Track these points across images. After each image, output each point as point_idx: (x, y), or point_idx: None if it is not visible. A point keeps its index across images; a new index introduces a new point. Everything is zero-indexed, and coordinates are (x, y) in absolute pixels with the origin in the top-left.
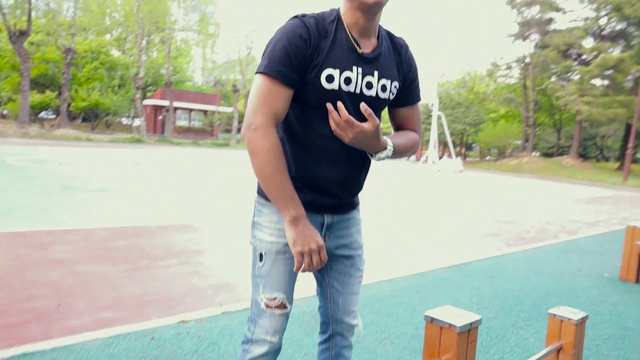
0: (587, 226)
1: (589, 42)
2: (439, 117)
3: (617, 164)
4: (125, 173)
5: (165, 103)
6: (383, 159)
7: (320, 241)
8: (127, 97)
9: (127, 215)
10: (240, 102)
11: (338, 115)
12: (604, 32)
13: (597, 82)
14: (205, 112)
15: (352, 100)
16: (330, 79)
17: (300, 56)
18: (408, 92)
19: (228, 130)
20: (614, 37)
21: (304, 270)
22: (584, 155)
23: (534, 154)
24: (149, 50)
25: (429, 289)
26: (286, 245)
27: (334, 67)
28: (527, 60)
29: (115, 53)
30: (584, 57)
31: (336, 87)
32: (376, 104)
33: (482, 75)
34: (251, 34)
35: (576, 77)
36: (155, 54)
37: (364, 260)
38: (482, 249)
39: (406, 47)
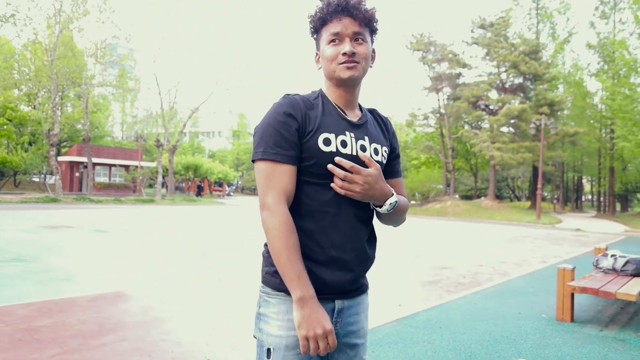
0: (515, 266)
1: (494, 94)
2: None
3: (528, 203)
4: (43, 237)
5: (83, 159)
6: (391, 208)
7: (329, 325)
8: (39, 153)
9: (50, 287)
10: (164, 156)
11: (342, 170)
12: (506, 86)
13: (505, 129)
14: (126, 167)
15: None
16: (327, 142)
17: (291, 130)
18: (395, 164)
19: (151, 186)
20: (515, 90)
21: (310, 354)
22: (498, 196)
23: (455, 196)
24: (64, 105)
25: (383, 346)
26: (297, 338)
27: (329, 132)
28: (442, 110)
29: (24, 108)
30: (491, 107)
31: (334, 150)
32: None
33: (401, 124)
34: (173, 88)
35: (486, 126)
36: (70, 109)
37: (367, 348)
38: (425, 299)
39: (389, 121)
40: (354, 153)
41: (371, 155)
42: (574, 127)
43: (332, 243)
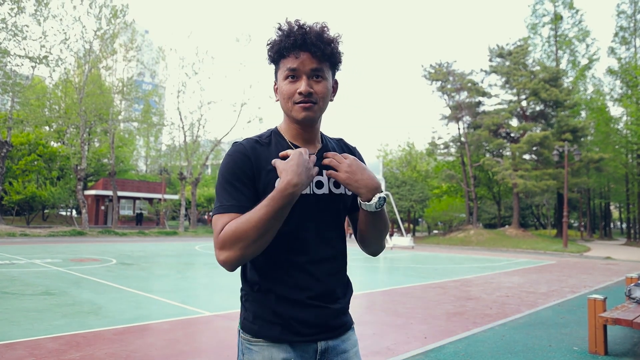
0: (543, 296)
1: (514, 122)
2: (386, 197)
3: (554, 231)
4: (71, 271)
5: (108, 193)
6: (380, 204)
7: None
8: (66, 188)
9: (77, 320)
10: (187, 188)
11: (327, 159)
12: (527, 113)
13: (527, 156)
14: (150, 200)
15: (304, 203)
16: None
17: (247, 172)
18: None
19: (174, 218)
20: (536, 117)
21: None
22: (523, 224)
23: (478, 225)
24: (91, 140)
25: None
26: None
27: None
28: (463, 139)
29: (54, 144)
30: (512, 134)
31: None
32: (333, 201)
33: (422, 153)
34: (196, 123)
35: (508, 153)
36: (97, 144)
37: None
38: (451, 330)
39: (357, 150)
40: (310, 192)
41: (331, 190)
42: (598, 153)
43: (303, 269)
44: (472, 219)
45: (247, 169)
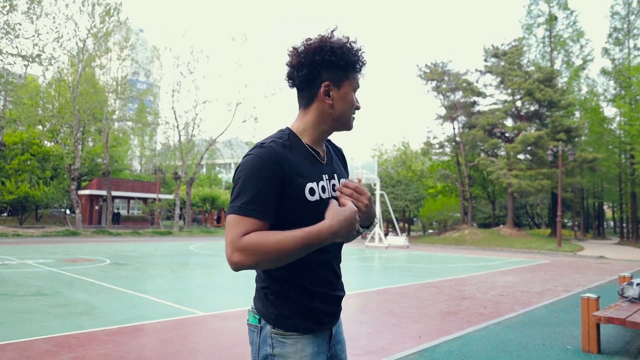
0: (537, 295)
1: (509, 122)
2: (381, 196)
3: (548, 230)
4: (64, 271)
5: (102, 193)
6: (374, 226)
7: (353, 207)
8: (60, 188)
9: (70, 321)
10: (182, 188)
11: (348, 190)
12: (522, 113)
13: (522, 156)
14: (145, 200)
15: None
16: (312, 192)
17: (277, 179)
18: None
19: (169, 218)
20: (530, 117)
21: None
22: (517, 224)
23: (473, 225)
24: (85, 140)
25: None
26: None
27: (312, 180)
28: (458, 139)
29: (47, 144)
30: (507, 134)
31: (318, 198)
32: None
33: (417, 153)
34: (191, 122)
35: (502, 153)
36: (92, 143)
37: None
38: (445, 330)
39: (342, 150)
40: (332, 196)
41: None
42: (592, 153)
43: (317, 262)
44: (467, 218)
45: (278, 175)
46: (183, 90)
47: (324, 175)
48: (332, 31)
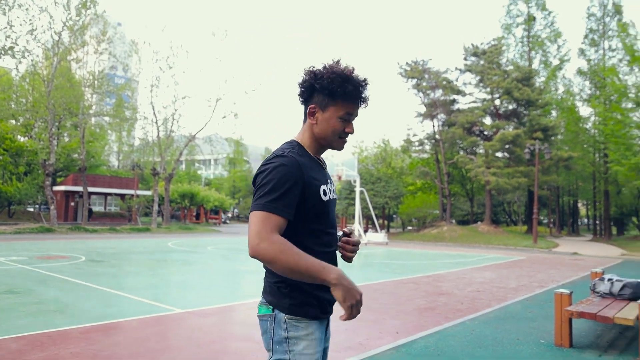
0: (512, 291)
1: (488, 120)
2: (361, 193)
3: (524, 227)
4: (36, 269)
5: (78, 189)
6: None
7: (360, 290)
8: (34, 183)
9: (42, 319)
10: (160, 184)
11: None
12: (500, 111)
13: (500, 154)
14: (122, 196)
15: (333, 206)
16: (325, 193)
17: (299, 184)
18: None
19: (147, 214)
20: (508, 116)
21: (350, 318)
22: (495, 221)
23: (451, 222)
24: (60, 135)
25: None
26: (322, 353)
27: (323, 183)
28: (437, 136)
29: (21, 138)
30: (486, 132)
31: (329, 198)
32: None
33: (397, 150)
34: (170, 118)
35: (481, 151)
36: (67, 138)
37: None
38: (422, 325)
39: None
40: (335, 197)
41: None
42: (567, 151)
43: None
44: (446, 215)
45: (300, 179)
46: (162, 86)
47: (327, 180)
48: (337, 61)
